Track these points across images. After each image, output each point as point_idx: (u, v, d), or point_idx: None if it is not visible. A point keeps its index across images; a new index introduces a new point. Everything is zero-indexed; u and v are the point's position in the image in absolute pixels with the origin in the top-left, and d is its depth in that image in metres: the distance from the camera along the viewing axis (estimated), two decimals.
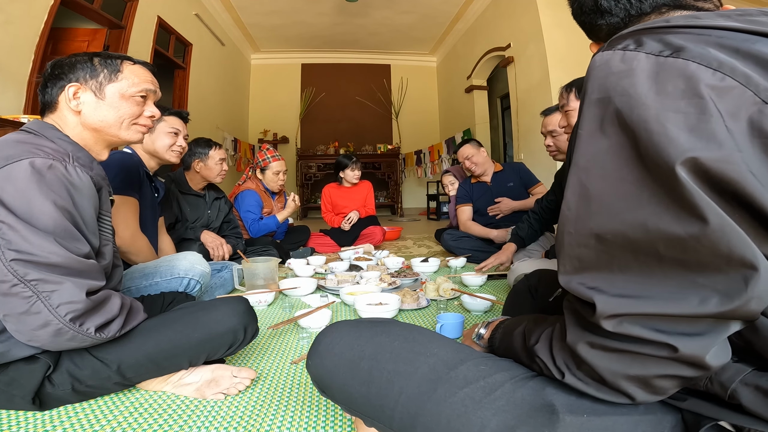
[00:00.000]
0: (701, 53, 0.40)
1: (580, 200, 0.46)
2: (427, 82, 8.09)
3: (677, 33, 0.43)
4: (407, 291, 1.74)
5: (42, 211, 0.77)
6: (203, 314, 0.99)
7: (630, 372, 0.45)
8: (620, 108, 0.42)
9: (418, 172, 7.21)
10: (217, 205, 2.42)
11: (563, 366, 0.50)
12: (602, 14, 0.61)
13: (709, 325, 0.41)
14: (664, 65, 0.41)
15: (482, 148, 2.96)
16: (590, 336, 0.46)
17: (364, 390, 0.60)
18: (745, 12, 0.45)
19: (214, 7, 5.59)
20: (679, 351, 0.41)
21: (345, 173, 3.59)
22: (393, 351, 0.61)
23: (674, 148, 0.38)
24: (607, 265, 0.44)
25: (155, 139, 1.64)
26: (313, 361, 0.67)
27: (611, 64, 0.45)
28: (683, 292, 0.40)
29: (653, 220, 0.40)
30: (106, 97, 0.98)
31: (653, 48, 0.43)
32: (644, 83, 0.41)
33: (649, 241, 0.41)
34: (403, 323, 0.68)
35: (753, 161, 0.37)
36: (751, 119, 0.38)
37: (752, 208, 0.38)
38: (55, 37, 3.45)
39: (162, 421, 0.88)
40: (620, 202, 0.42)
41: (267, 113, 7.65)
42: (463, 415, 0.51)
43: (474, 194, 2.93)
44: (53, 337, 0.78)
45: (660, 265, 0.41)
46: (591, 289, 0.45)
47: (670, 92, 0.40)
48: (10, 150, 0.81)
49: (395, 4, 5.74)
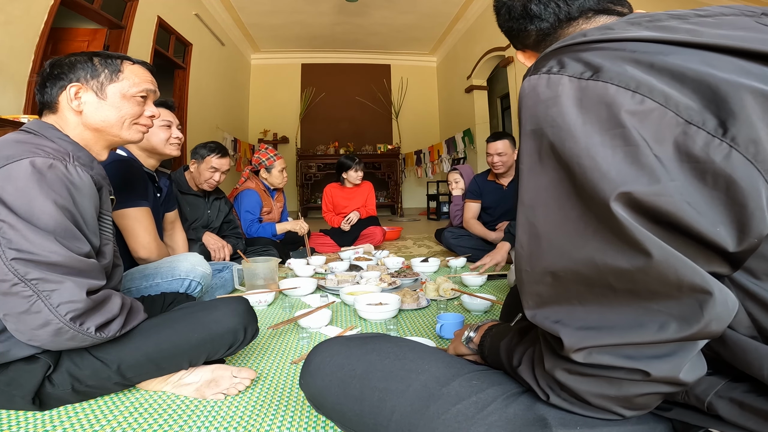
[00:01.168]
0: (618, 73, 0.39)
1: (530, 239, 0.45)
2: (427, 82, 8.09)
3: (594, 50, 0.42)
4: (407, 291, 1.74)
5: (42, 211, 0.77)
6: (203, 314, 0.99)
7: (610, 393, 0.45)
8: (553, 141, 0.41)
9: (418, 172, 7.21)
10: (217, 205, 2.42)
11: (547, 388, 0.50)
12: (532, 19, 0.61)
13: (675, 347, 0.40)
14: (586, 90, 0.40)
15: (516, 150, 2.94)
16: (565, 363, 0.46)
17: (357, 408, 0.60)
18: (654, 17, 0.43)
19: (214, 7, 5.59)
20: (651, 375, 0.41)
21: (348, 174, 3.59)
22: (384, 369, 0.61)
23: (606, 183, 0.37)
24: (565, 298, 0.44)
25: (150, 135, 1.57)
26: (306, 380, 0.67)
27: (538, 91, 0.43)
28: (640, 320, 0.40)
29: (599, 256, 0.40)
30: (108, 97, 0.98)
31: (575, 70, 0.41)
32: (571, 112, 0.40)
33: (599, 275, 0.40)
34: (395, 338, 0.68)
35: (686, 189, 0.36)
36: (677, 142, 0.36)
37: (691, 235, 0.37)
38: (55, 37, 3.45)
39: (162, 421, 0.88)
40: (566, 239, 0.42)
41: (267, 113, 7.64)
42: (456, 431, 0.51)
43: (484, 191, 2.89)
44: (53, 336, 0.78)
45: (615, 295, 0.41)
46: (555, 323, 0.45)
47: (595, 122, 0.39)
48: (10, 150, 0.81)
49: (395, 4, 5.74)
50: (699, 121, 0.36)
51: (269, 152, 2.99)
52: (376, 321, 1.54)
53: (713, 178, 0.36)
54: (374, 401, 0.58)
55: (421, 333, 1.41)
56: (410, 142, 7.76)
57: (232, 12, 5.91)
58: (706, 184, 0.36)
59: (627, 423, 0.48)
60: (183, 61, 5.01)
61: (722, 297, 0.37)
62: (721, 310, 0.37)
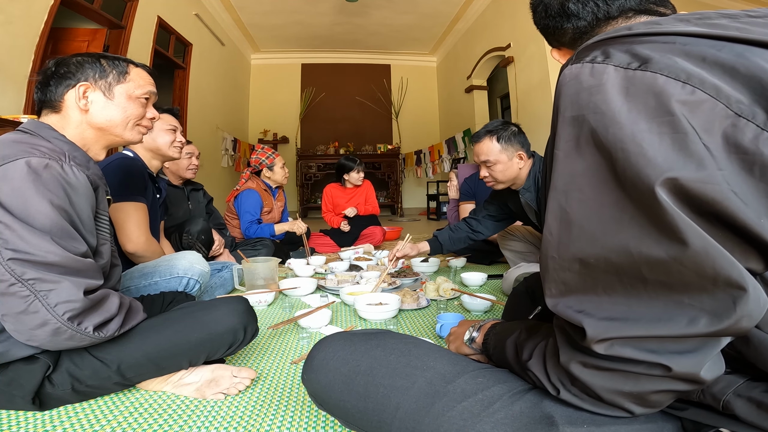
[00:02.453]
0: (668, 64, 0.39)
1: (560, 225, 0.45)
2: (427, 82, 8.09)
3: (641, 42, 0.42)
4: (407, 291, 1.73)
5: (39, 211, 0.77)
6: (203, 314, 0.99)
7: (625, 389, 0.44)
8: (595, 127, 0.41)
9: (418, 172, 7.21)
10: (196, 197, 2.43)
11: (558, 383, 0.50)
12: (569, 18, 0.61)
13: (700, 342, 0.40)
14: (633, 79, 0.40)
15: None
16: (582, 356, 0.46)
17: (361, 405, 0.59)
18: (704, 15, 0.44)
19: (214, 7, 5.59)
20: (672, 370, 0.41)
21: (350, 176, 3.59)
22: (389, 365, 0.60)
23: (652, 168, 0.37)
24: (592, 288, 0.43)
25: (156, 137, 1.65)
26: (308, 376, 0.66)
27: (581, 79, 0.43)
28: (670, 313, 0.40)
29: (634, 244, 0.40)
30: (115, 98, 1.00)
31: (621, 60, 0.42)
32: (616, 99, 0.40)
33: (632, 264, 0.40)
34: (399, 335, 0.68)
35: (733, 178, 0.36)
36: (726, 134, 0.37)
37: (735, 227, 0.37)
38: (55, 37, 3.45)
39: (162, 421, 0.88)
40: (600, 226, 0.41)
41: (267, 113, 7.65)
42: (462, 429, 0.51)
43: (477, 190, 2.90)
44: (52, 336, 0.78)
45: (645, 287, 0.40)
46: (579, 313, 0.44)
47: (642, 109, 0.39)
48: (6, 150, 0.81)
49: (395, 4, 5.74)
50: (749, 115, 0.36)
51: (267, 151, 3.02)
52: (376, 321, 1.54)
53: (761, 170, 0.36)
54: (379, 398, 0.58)
55: (421, 333, 1.41)
56: (410, 142, 7.76)
57: (232, 12, 5.91)
58: (754, 175, 0.36)
59: (635, 422, 0.48)
60: (183, 61, 5.01)
61: (755, 294, 0.37)
62: (753, 307, 0.37)
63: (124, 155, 1.58)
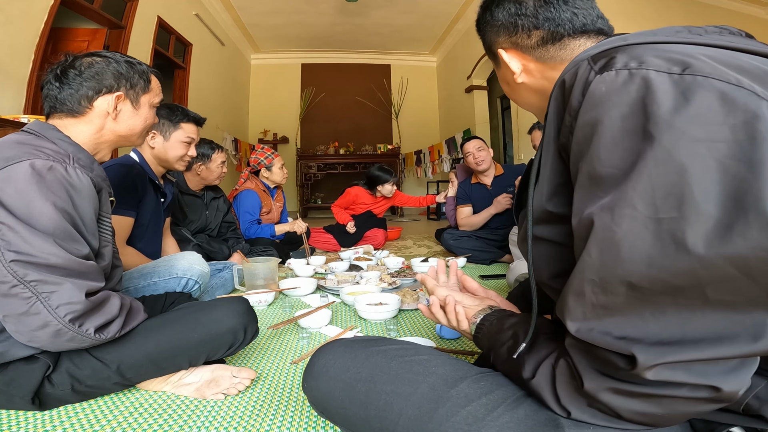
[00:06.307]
0: (713, 68, 0.38)
1: (603, 246, 0.40)
2: (427, 82, 8.09)
3: (665, 48, 0.42)
4: (407, 291, 1.73)
5: (42, 213, 0.77)
6: (203, 314, 0.99)
7: (656, 412, 0.43)
8: (675, 142, 0.38)
9: (418, 172, 7.21)
10: (215, 205, 2.42)
11: (570, 406, 0.47)
12: (542, 21, 0.60)
13: (741, 360, 0.39)
14: (680, 84, 0.38)
15: (490, 150, 2.94)
16: (615, 383, 0.43)
17: (363, 413, 0.58)
18: (693, 30, 0.46)
19: (214, 7, 5.59)
20: (722, 390, 0.39)
21: (383, 188, 3.57)
22: (390, 371, 0.59)
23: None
24: (638, 312, 0.40)
25: (168, 148, 1.60)
26: (309, 384, 0.66)
27: (622, 87, 0.40)
28: (732, 331, 0.37)
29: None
30: (140, 107, 1.02)
31: (659, 65, 0.39)
32: (667, 104, 0.37)
33: (696, 285, 0.36)
34: (399, 341, 0.68)
35: None
36: None
37: None
38: (55, 37, 3.45)
39: (162, 421, 0.88)
40: (661, 247, 0.37)
41: (267, 113, 7.65)
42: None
43: (471, 195, 2.93)
44: (53, 337, 0.78)
45: (703, 306, 0.37)
46: (622, 340, 0.41)
47: (702, 115, 0.36)
48: (11, 151, 0.81)
49: (395, 4, 5.74)
50: None
51: (266, 151, 3.02)
52: (376, 321, 1.54)
53: None
54: (381, 405, 0.57)
55: (421, 333, 1.41)
56: (410, 142, 7.76)
57: (232, 12, 5.91)
58: None
59: None
60: (183, 61, 5.01)
61: None
62: None
63: (123, 160, 1.54)
